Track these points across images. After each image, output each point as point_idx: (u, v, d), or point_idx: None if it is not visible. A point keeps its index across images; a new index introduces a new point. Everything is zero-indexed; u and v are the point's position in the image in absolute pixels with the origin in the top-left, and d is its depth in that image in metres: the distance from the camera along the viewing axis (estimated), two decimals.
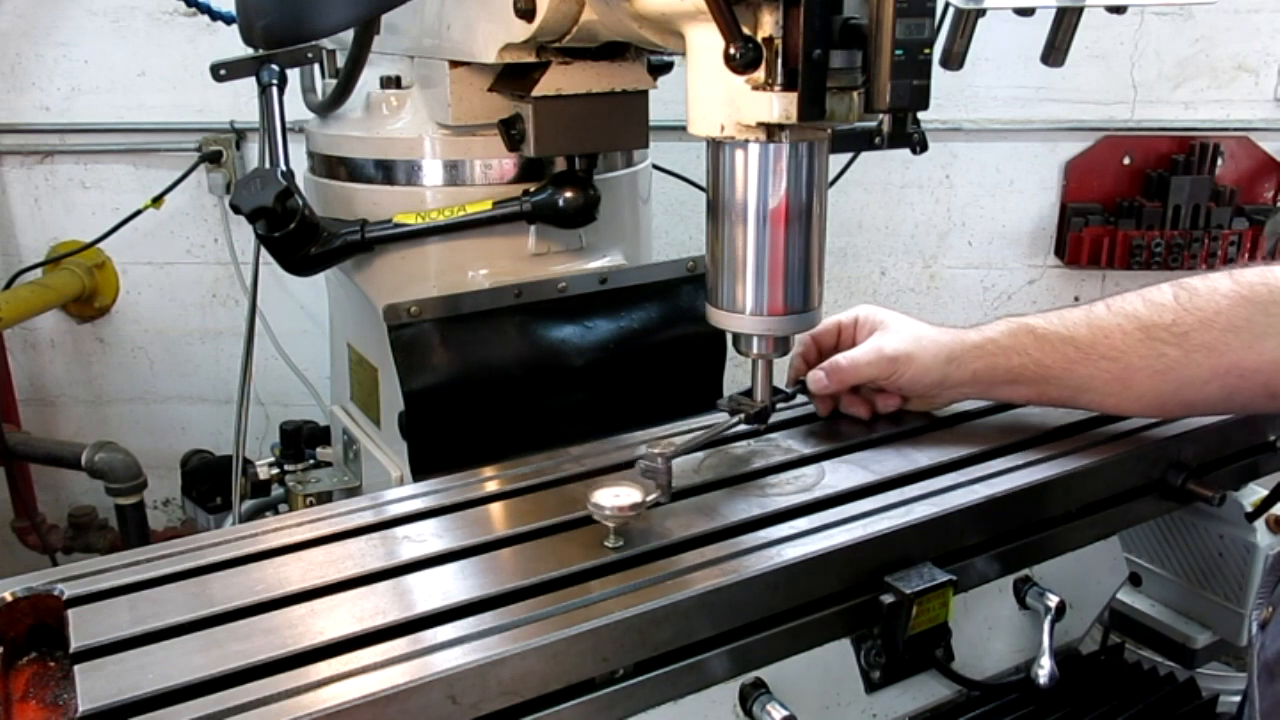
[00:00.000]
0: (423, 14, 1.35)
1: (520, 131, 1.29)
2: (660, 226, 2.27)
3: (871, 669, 1.01)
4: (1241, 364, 1.04)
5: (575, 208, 1.32)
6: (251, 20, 1.26)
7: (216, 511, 1.80)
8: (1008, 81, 2.75)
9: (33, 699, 0.83)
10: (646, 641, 0.88)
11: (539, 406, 1.36)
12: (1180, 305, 1.07)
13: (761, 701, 0.93)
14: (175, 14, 2.67)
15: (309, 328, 2.79)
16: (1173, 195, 2.73)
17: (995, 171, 2.86)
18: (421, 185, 1.37)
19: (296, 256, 1.31)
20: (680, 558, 0.95)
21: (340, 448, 1.65)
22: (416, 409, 1.29)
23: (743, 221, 1.04)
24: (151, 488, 2.56)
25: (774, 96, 0.93)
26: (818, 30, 0.89)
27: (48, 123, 2.76)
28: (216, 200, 2.81)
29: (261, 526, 1.03)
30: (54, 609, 0.89)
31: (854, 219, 2.89)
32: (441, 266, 1.36)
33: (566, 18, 1.15)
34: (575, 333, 1.38)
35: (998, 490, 1.07)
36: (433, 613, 0.87)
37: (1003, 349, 1.16)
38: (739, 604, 0.93)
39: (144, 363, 3.00)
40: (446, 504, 1.07)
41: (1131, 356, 1.09)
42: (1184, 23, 2.72)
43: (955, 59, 1.09)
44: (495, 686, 0.82)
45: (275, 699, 0.77)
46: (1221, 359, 1.05)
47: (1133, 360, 1.09)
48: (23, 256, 2.86)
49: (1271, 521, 1.31)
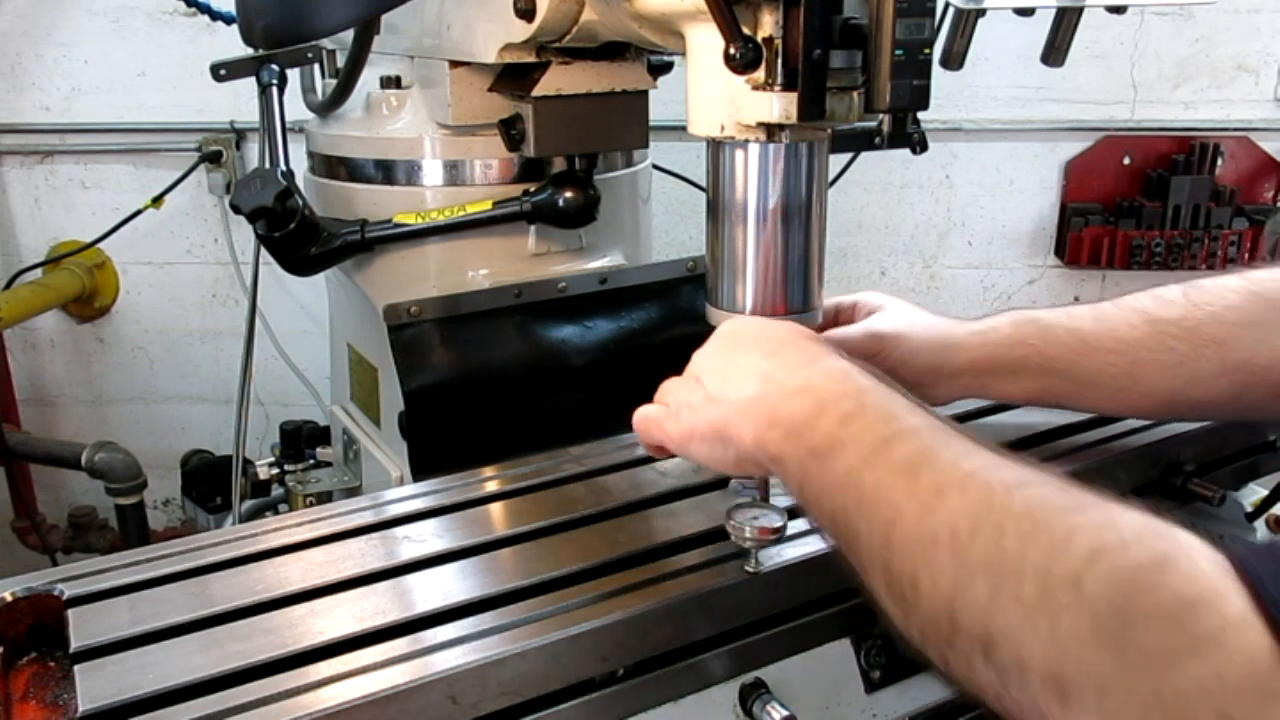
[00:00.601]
0: (423, 14, 1.35)
1: (520, 131, 1.29)
2: (660, 226, 2.27)
3: (871, 669, 1.01)
4: (1253, 360, 0.99)
5: (575, 208, 1.32)
6: (251, 20, 1.27)
7: (216, 511, 1.80)
8: (1008, 81, 2.75)
9: (33, 699, 0.83)
10: (646, 641, 0.88)
11: (539, 406, 1.36)
12: (1189, 301, 1.02)
13: (761, 701, 0.93)
14: (175, 14, 2.67)
15: (309, 328, 2.79)
16: (1173, 195, 2.73)
17: (995, 171, 2.86)
18: (421, 185, 1.37)
19: (296, 256, 1.31)
20: (680, 558, 0.95)
21: (340, 448, 1.65)
22: (416, 409, 1.29)
23: (743, 221, 1.04)
24: (151, 488, 2.55)
25: (774, 96, 0.93)
26: (818, 30, 0.89)
27: (48, 123, 2.76)
28: (216, 200, 2.81)
29: (261, 526, 1.03)
30: (54, 609, 0.89)
31: (854, 219, 2.89)
32: (441, 266, 1.36)
33: (566, 18, 1.15)
34: (575, 333, 1.38)
35: None
36: (433, 613, 0.87)
37: (1005, 338, 1.08)
38: (739, 604, 0.93)
39: (144, 363, 2.99)
40: (446, 504, 1.07)
41: (1139, 350, 1.02)
42: (1184, 23, 2.72)
43: (955, 59, 1.08)
44: (495, 686, 0.82)
45: (275, 699, 0.77)
46: (1231, 354, 0.99)
47: (1140, 354, 1.02)
48: (23, 256, 2.86)
49: (1271, 521, 1.30)
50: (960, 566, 0.64)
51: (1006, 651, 0.61)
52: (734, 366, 0.85)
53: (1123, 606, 0.57)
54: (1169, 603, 0.56)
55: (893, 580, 0.69)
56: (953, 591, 0.64)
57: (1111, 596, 0.57)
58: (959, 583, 0.64)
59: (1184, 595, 0.56)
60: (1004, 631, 0.61)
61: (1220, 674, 0.53)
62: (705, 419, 0.84)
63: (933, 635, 0.67)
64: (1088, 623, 0.57)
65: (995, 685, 0.63)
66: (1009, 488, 0.66)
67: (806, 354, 0.84)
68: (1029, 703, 0.61)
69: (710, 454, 0.85)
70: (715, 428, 0.83)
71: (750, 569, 0.93)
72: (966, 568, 0.64)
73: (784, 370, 0.81)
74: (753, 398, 0.81)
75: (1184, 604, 0.56)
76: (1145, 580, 0.57)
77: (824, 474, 0.75)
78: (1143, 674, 0.55)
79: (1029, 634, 0.60)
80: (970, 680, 0.65)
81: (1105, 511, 0.63)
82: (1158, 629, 0.55)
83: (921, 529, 0.67)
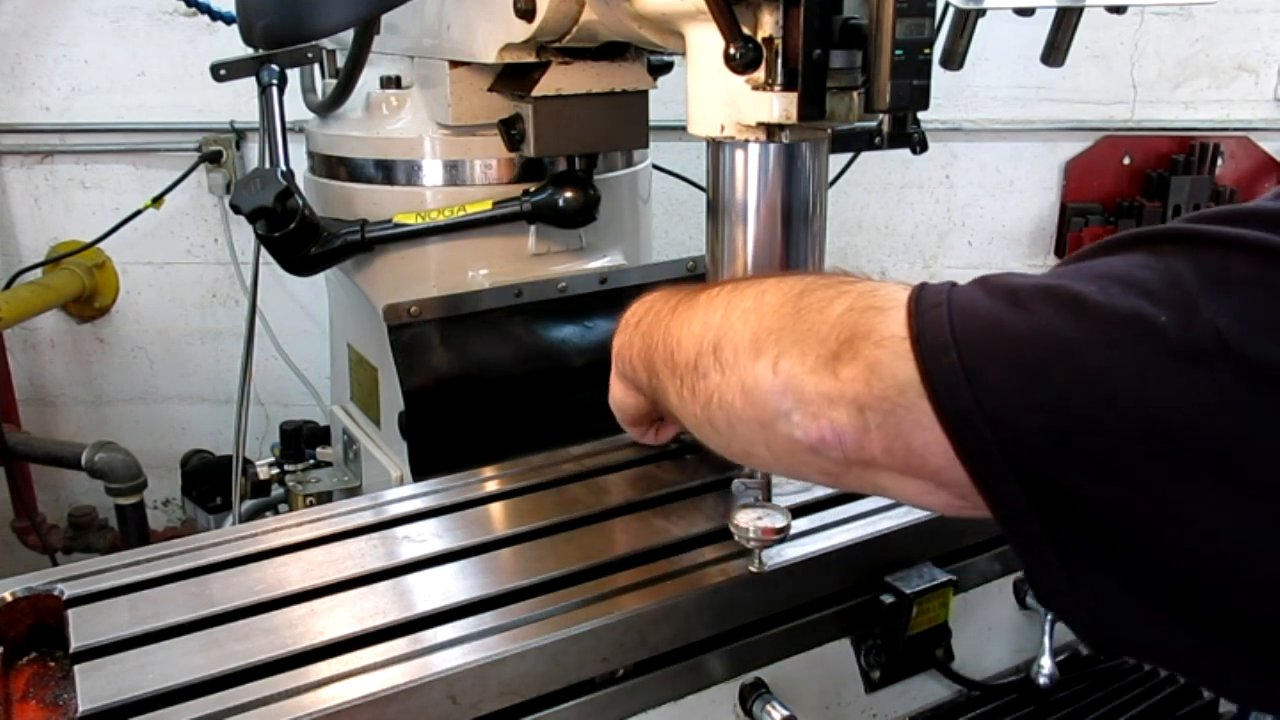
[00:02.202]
0: (423, 14, 1.35)
1: (520, 131, 1.29)
2: (660, 226, 2.27)
3: (871, 669, 1.01)
4: None
5: (575, 208, 1.32)
6: (251, 20, 1.27)
7: (216, 511, 1.81)
8: (1008, 81, 2.74)
9: (33, 699, 0.83)
10: (646, 641, 0.88)
11: (539, 406, 1.36)
12: None
13: (761, 701, 0.93)
14: (175, 14, 2.67)
15: (309, 328, 2.79)
16: (1173, 195, 2.73)
17: (995, 171, 2.86)
18: (421, 185, 1.36)
19: (296, 256, 1.31)
20: (680, 558, 0.95)
21: (340, 448, 1.65)
22: (416, 409, 1.29)
23: (743, 221, 1.04)
24: (151, 488, 2.55)
25: (774, 96, 0.93)
26: (818, 30, 0.89)
27: (48, 123, 2.76)
28: (216, 200, 2.81)
29: (261, 526, 1.03)
30: (54, 609, 0.89)
31: (854, 219, 2.89)
32: (441, 266, 1.36)
33: (566, 18, 1.16)
34: (575, 333, 1.38)
35: None
36: (433, 613, 0.87)
37: None
38: (739, 604, 0.93)
39: (144, 363, 2.99)
40: (446, 504, 1.07)
41: None
42: (1184, 23, 2.72)
43: (955, 59, 1.08)
44: (495, 686, 0.82)
45: (275, 699, 0.77)
46: None
47: None
48: (23, 256, 2.86)
49: None
50: (707, 311, 0.82)
51: (728, 347, 0.77)
52: None
53: (802, 289, 0.75)
54: (830, 281, 0.75)
55: (670, 358, 0.86)
56: (701, 329, 0.81)
57: (795, 285, 0.76)
58: (705, 321, 0.81)
59: (843, 279, 0.76)
60: (727, 331, 0.78)
61: (851, 306, 0.70)
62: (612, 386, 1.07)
63: (685, 373, 0.82)
64: (783, 304, 0.75)
65: (716, 385, 0.77)
66: (741, 286, 0.82)
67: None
68: (735, 382, 0.75)
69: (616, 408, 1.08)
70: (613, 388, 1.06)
71: (754, 569, 0.94)
72: (710, 309, 0.81)
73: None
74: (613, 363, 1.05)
75: (841, 280, 0.75)
76: (819, 279, 0.77)
77: (653, 363, 0.91)
78: (803, 317, 0.72)
79: (742, 326, 0.76)
80: (707, 399, 0.79)
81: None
82: (820, 291, 0.73)
83: (691, 312, 0.84)
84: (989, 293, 0.64)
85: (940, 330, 0.63)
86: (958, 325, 0.62)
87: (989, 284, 0.65)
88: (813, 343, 0.70)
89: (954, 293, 0.66)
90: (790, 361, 0.71)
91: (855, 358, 0.67)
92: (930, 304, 0.65)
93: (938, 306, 0.65)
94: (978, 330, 0.62)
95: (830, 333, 0.69)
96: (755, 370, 0.73)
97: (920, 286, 0.68)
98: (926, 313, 0.65)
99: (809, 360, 0.69)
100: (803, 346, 0.71)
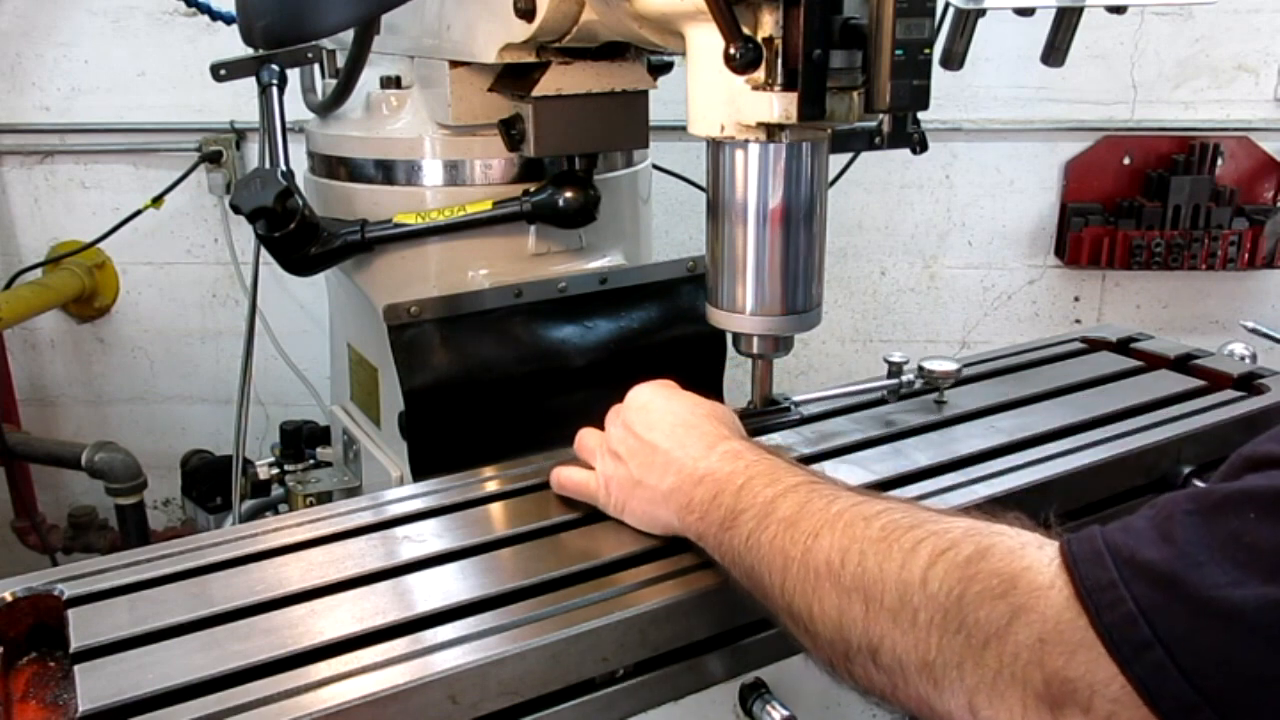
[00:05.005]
0: (423, 14, 1.35)
1: (520, 131, 1.29)
2: (660, 226, 2.27)
3: None
4: None
5: (575, 208, 1.32)
6: (251, 20, 1.27)
7: (216, 511, 1.81)
8: (1008, 81, 2.74)
9: (33, 699, 0.83)
10: (646, 641, 0.88)
11: (539, 406, 1.36)
12: None
13: (761, 701, 0.93)
14: (175, 14, 2.67)
15: (309, 328, 2.79)
16: (1173, 195, 2.73)
17: (995, 171, 2.86)
18: (421, 185, 1.37)
19: (296, 256, 1.31)
20: (680, 558, 0.95)
21: (340, 448, 1.65)
22: (416, 409, 1.29)
23: (743, 221, 1.04)
24: (151, 488, 2.56)
25: (774, 96, 0.93)
26: (818, 30, 0.89)
27: (48, 123, 2.76)
28: (216, 200, 2.81)
29: (261, 526, 1.03)
30: (54, 609, 0.89)
31: (854, 219, 2.89)
32: (441, 266, 1.36)
33: (566, 18, 1.16)
34: (575, 333, 1.38)
35: (997, 490, 1.07)
36: (433, 613, 0.87)
37: None
38: (739, 604, 0.93)
39: (144, 363, 2.99)
40: (446, 504, 1.07)
41: None
42: (1184, 23, 2.72)
43: (955, 59, 1.08)
44: (495, 686, 0.82)
45: (275, 699, 0.77)
46: None
47: None
48: (23, 256, 2.86)
49: None
50: (840, 592, 0.75)
51: (887, 654, 0.71)
52: (651, 455, 0.97)
53: (959, 593, 0.67)
54: (991, 582, 0.66)
55: (795, 617, 0.79)
56: (838, 615, 0.75)
57: (950, 587, 0.68)
58: (841, 606, 0.75)
59: (1002, 573, 0.66)
60: (881, 637, 0.71)
61: (1038, 636, 0.62)
62: (638, 500, 0.98)
63: (834, 656, 0.77)
64: (939, 614, 0.68)
65: (887, 686, 0.72)
66: (867, 519, 0.77)
67: (705, 440, 0.95)
68: (915, 694, 0.70)
69: (643, 525, 0.99)
70: (646, 511, 0.97)
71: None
72: (844, 591, 0.75)
73: (690, 459, 0.94)
74: (670, 489, 0.94)
75: (1003, 580, 0.65)
76: (972, 568, 0.67)
77: (732, 541, 0.86)
78: (985, 646, 0.65)
79: (899, 635, 0.70)
80: (871, 687, 0.75)
81: (940, 523, 0.73)
82: (987, 605, 0.65)
83: (806, 568, 0.78)
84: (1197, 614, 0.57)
85: (1174, 682, 0.56)
86: (1189, 670, 0.56)
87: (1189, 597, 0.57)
88: (1006, 680, 0.63)
89: (1158, 624, 0.58)
90: (990, 708, 0.64)
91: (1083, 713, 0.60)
92: (1137, 642, 0.58)
93: (1150, 647, 0.57)
94: (1223, 680, 0.55)
95: (1018, 666, 0.62)
96: (944, 703, 0.67)
97: (1081, 580, 0.62)
98: (1140, 656, 0.57)
99: (1014, 709, 0.63)
100: (995, 684, 0.64)
